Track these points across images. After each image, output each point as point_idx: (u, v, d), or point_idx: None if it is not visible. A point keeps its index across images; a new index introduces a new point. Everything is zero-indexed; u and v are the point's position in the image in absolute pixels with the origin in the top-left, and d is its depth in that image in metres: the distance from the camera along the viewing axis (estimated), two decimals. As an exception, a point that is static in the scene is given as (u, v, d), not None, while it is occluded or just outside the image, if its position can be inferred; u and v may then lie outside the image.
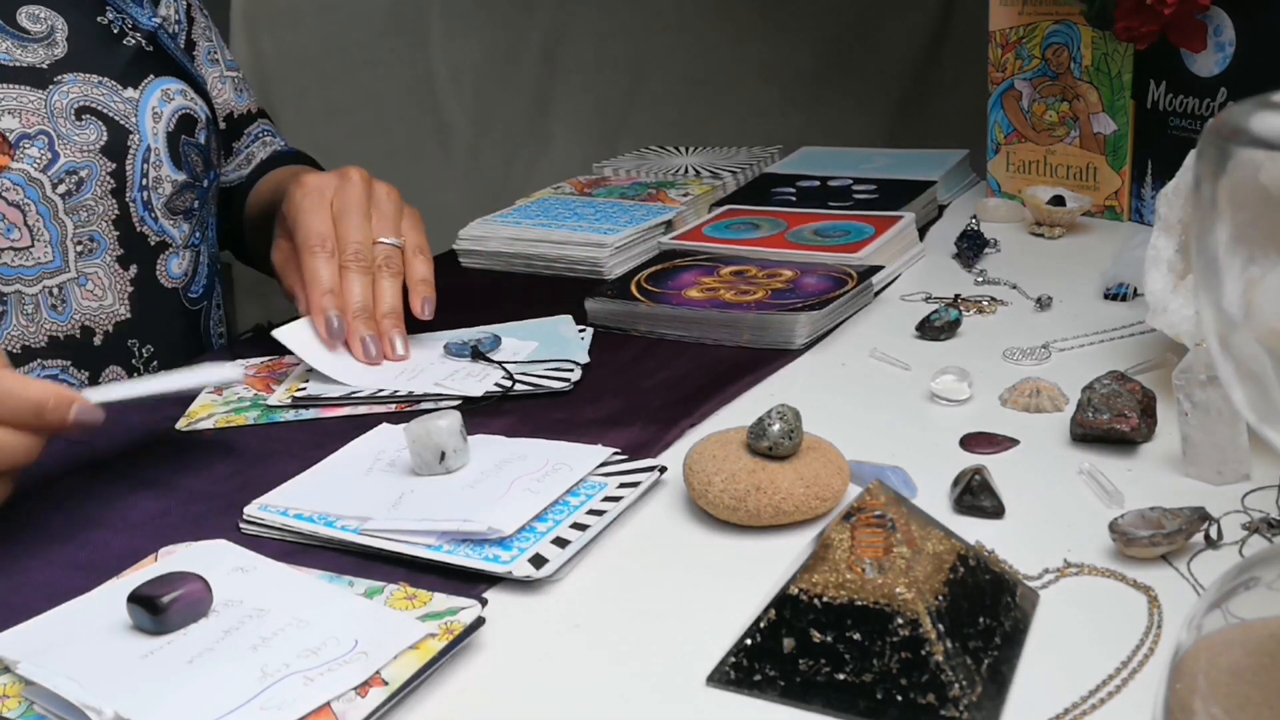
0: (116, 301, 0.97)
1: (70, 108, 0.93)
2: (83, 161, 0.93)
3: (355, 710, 0.53)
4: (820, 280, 1.01)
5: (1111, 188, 1.23)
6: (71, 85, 0.94)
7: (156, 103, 0.98)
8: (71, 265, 0.94)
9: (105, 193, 0.95)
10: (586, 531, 0.67)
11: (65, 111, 0.93)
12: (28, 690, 0.55)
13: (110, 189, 0.95)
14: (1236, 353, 0.36)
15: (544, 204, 1.29)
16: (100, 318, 0.96)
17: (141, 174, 0.97)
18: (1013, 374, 0.86)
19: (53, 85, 0.93)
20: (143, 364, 1.00)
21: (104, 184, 0.94)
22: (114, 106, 0.96)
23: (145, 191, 0.97)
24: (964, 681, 0.52)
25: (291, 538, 0.70)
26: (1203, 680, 0.40)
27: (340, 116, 2.22)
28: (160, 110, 0.98)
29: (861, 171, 1.36)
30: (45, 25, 0.95)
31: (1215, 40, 1.10)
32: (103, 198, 0.94)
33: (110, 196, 0.95)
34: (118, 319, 0.98)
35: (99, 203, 0.94)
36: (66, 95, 0.93)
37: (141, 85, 0.98)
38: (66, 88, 0.94)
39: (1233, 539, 0.64)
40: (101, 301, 0.96)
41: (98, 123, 0.94)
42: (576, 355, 0.93)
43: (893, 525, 0.56)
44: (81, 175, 0.93)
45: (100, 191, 0.94)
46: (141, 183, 0.97)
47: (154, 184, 0.98)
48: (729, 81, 2.13)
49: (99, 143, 0.94)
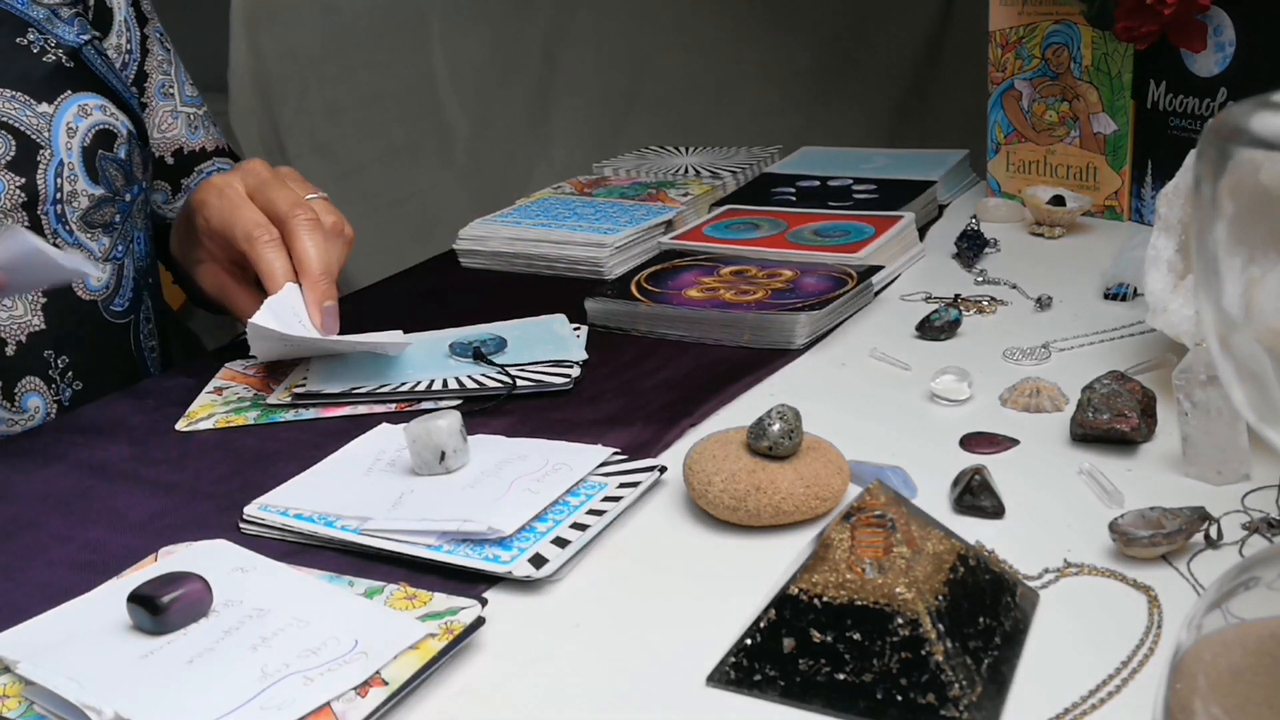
0: (28, 312, 0.97)
1: None
2: None
3: (355, 710, 0.53)
4: (820, 280, 1.01)
5: (1111, 188, 1.23)
6: None
7: (72, 118, 0.98)
8: None
9: (15, 205, 0.94)
10: (586, 531, 0.67)
11: None
12: (28, 690, 0.55)
13: (21, 202, 0.94)
14: (1236, 353, 0.36)
15: (544, 204, 1.29)
16: (12, 328, 0.96)
17: (55, 188, 0.96)
18: (1013, 374, 0.86)
19: None
20: (59, 374, 0.99)
21: (14, 197, 0.94)
22: (25, 120, 0.95)
23: (59, 205, 0.97)
24: (964, 681, 0.52)
25: (291, 538, 0.70)
26: (1203, 680, 0.40)
27: (340, 116, 2.22)
28: (75, 125, 0.98)
29: (861, 171, 1.36)
30: None
31: (1215, 40, 1.10)
32: (12, 210, 0.94)
33: (20, 209, 0.95)
34: (31, 329, 0.97)
35: (9, 215, 0.94)
36: None
37: (57, 100, 0.98)
38: None
39: (1233, 539, 0.64)
40: (12, 312, 0.96)
41: (6, 136, 0.94)
42: (574, 354, 0.93)
43: (893, 525, 0.56)
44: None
45: (10, 204, 0.94)
46: (55, 196, 0.96)
47: (69, 198, 0.97)
48: (729, 81, 2.13)
49: (5, 156, 0.94)
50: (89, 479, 0.79)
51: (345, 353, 0.92)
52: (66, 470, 0.80)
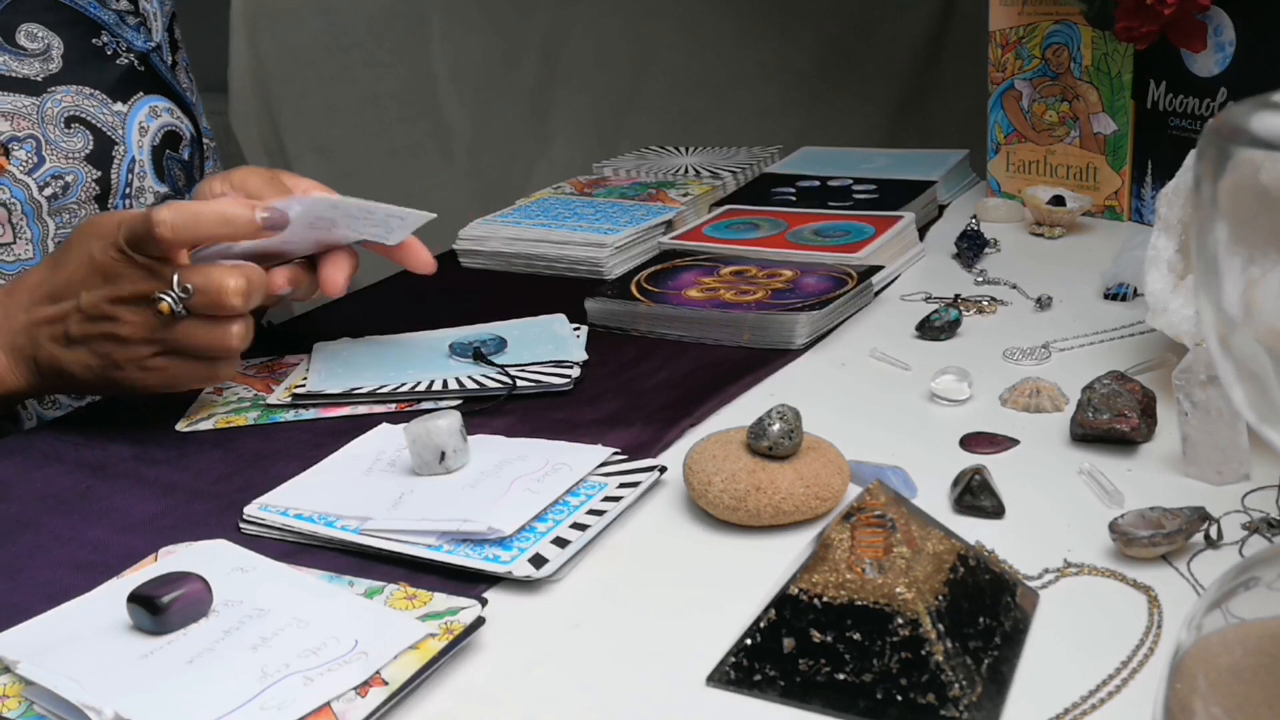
0: None
1: (60, 116, 0.97)
2: (68, 167, 0.96)
3: (355, 710, 0.53)
4: (820, 280, 1.01)
5: (1111, 188, 1.23)
6: (65, 95, 0.98)
7: (144, 118, 1.02)
8: None
9: (89, 198, 0.98)
10: (586, 531, 0.67)
11: (55, 119, 0.97)
12: (28, 690, 0.55)
13: (94, 195, 0.99)
14: (1236, 353, 0.36)
15: (544, 204, 1.29)
16: None
17: (125, 183, 1.00)
18: (1013, 374, 0.86)
19: (46, 94, 0.97)
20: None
21: (89, 190, 0.98)
22: (102, 118, 0.99)
23: (128, 200, 1.01)
24: (964, 681, 0.52)
25: (291, 538, 0.70)
26: (1203, 680, 0.40)
27: (340, 116, 2.23)
28: (147, 125, 1.03)
29: (861, 171, 1.36)
30: (42, 43, 0.99)
31: (1215, 40, 1.10)
32: (86, 202, 0.98)
33: (93, 202, 0.99)
34: None
35: (82, 207, 0.98)
36: (59, 104, 0.97)
37: (130, 101, 1.02)
38: (60, 96, 0.97)
39: (1233, 539, 0.64)
40: None
41: (85, 131, 0.98)
42: (574, 354, 0.93)
43: (893, 525, 0.56)
44: (67, 180, 0.96)
45: (84, 196, 0.98)
46: (125, 190, 1.00)
47: (137, 193, 1.01)
48: (729, 81, 2.14)
49: (84, 150, 0.98)
50: (89, 479, 0.79)
51: (362, 235, 0.90)
52: (66, 470, 0.80)
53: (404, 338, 0.99)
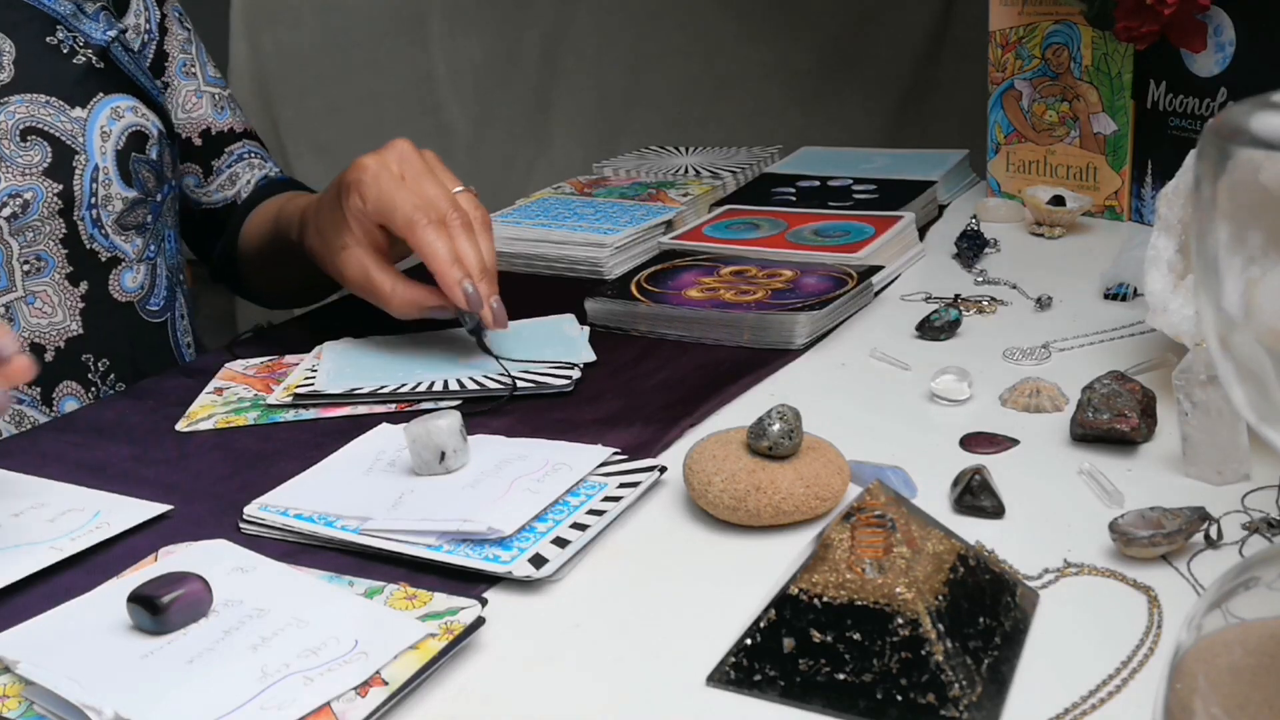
0: (67, 317, 0.97)
1: (15, 129, 0.93)
2: (25, 184, 0.93)
3: (355, 710, 0.53)
4: (820, 280, 1.01)
5: (1111, 188, 1.23)
6: (18, 106, 0.94)
7: (105, 121, 0.98)
8: (18, 284, 0.95)
9: (52, 213, 0.95)
10: (586, 531, 0.67)
11: (10, 133, 0.93)
12: (28, 690, 0.55)
13: (57, 209, 0.95)
14: (1236, 353, 0.36)
15: (544, 204, 1.29)
16: (50, 334, 0.96)
17: (90, 192, 0.97)
18: (1013, 374, 0.86)
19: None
20: (99, 377, 1.00)
21: (50, 205, 0.95)
22: (60, 126, 0.96)
23: (94, 209, 0.97)
24: (964, 681, 0.52)
25: (291, 538, 0.70)
26: (1203, 680, 0.40)
27: (340, 116, 2.23)
28: (109, 129, 0.98)
29: (861, 171, 1.36)
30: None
31: (1215, 40, 1.10)
32: (49, 218, 0.95)
33: (57, 216, 0.95)
34: (70, 335, 0.98)
35: (45, 223, 0.95)
36: (13, 115, 0.93)
37: (90, 104, 0.98)
38: (13, 108, 0.94)
39: (1233, 539, 0.64)
40: (51, 318, 0.96)
41: (43, 143, 0.94)
42: (581, 355, 0.93)
43: (893, 525, 0.56)
44: (26, 198, 0.93)
45: (47, 212, 0.94)
46: (90, 201, 0.97)
47: (103, 201, 0.98)
48: (729, 81, 2.14)
49: (42, 164, 0.94)
50: (89, 479, 0.79)
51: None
52: (66, 470, 0.80)
53: (412, 337, 0.98)
